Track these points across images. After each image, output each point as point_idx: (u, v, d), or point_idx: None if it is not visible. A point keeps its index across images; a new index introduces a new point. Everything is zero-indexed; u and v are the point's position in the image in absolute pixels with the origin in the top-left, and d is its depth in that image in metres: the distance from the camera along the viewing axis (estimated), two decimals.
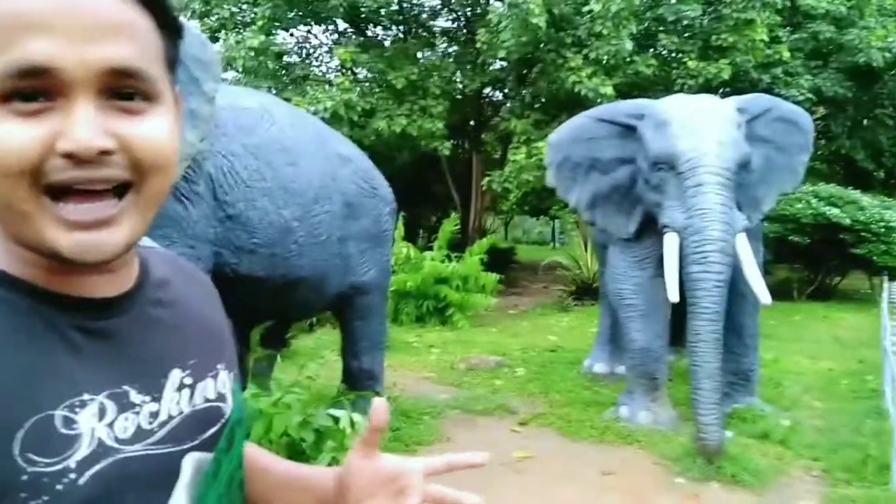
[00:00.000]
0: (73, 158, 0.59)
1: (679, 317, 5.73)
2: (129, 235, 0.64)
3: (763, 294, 4.47)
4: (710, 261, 4.31)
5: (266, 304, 4.06)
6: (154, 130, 0.64)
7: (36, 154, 0.59)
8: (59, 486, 0.60)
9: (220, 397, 0.78)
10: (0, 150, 0.58)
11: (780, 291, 11.19)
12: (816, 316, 10.25)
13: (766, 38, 11.40)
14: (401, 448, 4.46)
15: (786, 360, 7.18)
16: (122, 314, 0.70)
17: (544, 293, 12.96)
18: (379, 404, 0.79)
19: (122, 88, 0.62)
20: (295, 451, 3.74)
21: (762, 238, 5.70)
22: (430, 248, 10.09)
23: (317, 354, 6.11)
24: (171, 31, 0.69)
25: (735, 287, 4.65)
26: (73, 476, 0.61)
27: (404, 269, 9.22)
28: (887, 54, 12.19)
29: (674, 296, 4.52)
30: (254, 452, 0.92)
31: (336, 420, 3.85)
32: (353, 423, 3.84)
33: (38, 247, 0.62)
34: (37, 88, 0.59)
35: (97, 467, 0.62)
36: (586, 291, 11.40)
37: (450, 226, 10.38)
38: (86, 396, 0.63)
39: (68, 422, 0.62)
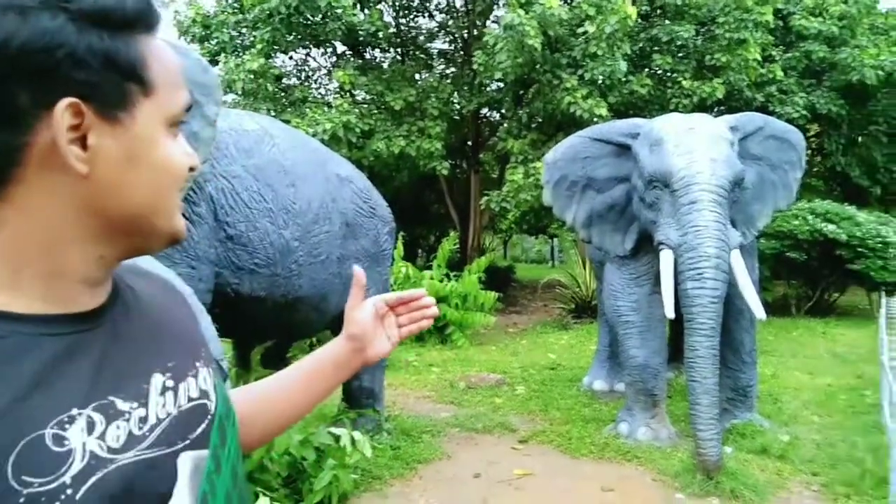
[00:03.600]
0: (193, 171, 0.78)
1: (678, 334, 5.77)
2: None
3: (758, 309, 4.51)
4: (706, 277, 4.35)
5: (267, 323, 4.10)
6: None
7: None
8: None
9: (204, 394, 0.81)
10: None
11: (778, 307, 11.27)
12: (815, 332, 10.27)
13: (759, 57, 11.55)
14: (401, 465, 4.47)
15: (784, 375, 7.21)
16: (98, 326, 0.72)
17: (543, 311, 12.98)
18: (357, 270, 1.08)
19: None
20: (296, 470, 3.75)
21: (758, 255, 5.75)
22: (430, 268, 10.12)
23: None
24: None
25: (732, 303, 4.70)
26: (69, 492, 0.62)
27: (403, 288, 9.25)
28: (880, 72, 12.34)
29: (670, 312, 4.56)
30: (243, 396, 1.00)
31: (337, 438, 3.87)
32: (353, 441, 3.87)
33: (167, 232, 0.77)
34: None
35: (92, 479, 0.64)
36: (585, 309, 11.43)
37: (449, 245, 10.43)
38: (74, 412, 0.65)
39: (59, 439, 0.63)
